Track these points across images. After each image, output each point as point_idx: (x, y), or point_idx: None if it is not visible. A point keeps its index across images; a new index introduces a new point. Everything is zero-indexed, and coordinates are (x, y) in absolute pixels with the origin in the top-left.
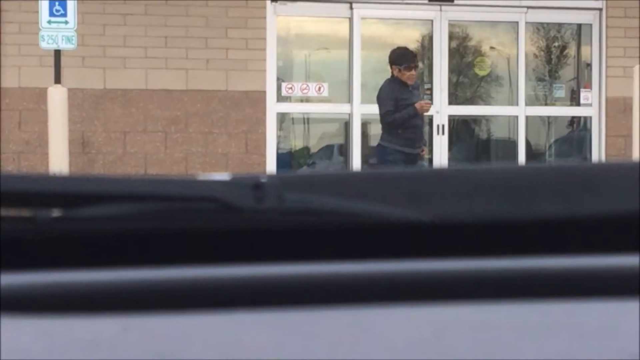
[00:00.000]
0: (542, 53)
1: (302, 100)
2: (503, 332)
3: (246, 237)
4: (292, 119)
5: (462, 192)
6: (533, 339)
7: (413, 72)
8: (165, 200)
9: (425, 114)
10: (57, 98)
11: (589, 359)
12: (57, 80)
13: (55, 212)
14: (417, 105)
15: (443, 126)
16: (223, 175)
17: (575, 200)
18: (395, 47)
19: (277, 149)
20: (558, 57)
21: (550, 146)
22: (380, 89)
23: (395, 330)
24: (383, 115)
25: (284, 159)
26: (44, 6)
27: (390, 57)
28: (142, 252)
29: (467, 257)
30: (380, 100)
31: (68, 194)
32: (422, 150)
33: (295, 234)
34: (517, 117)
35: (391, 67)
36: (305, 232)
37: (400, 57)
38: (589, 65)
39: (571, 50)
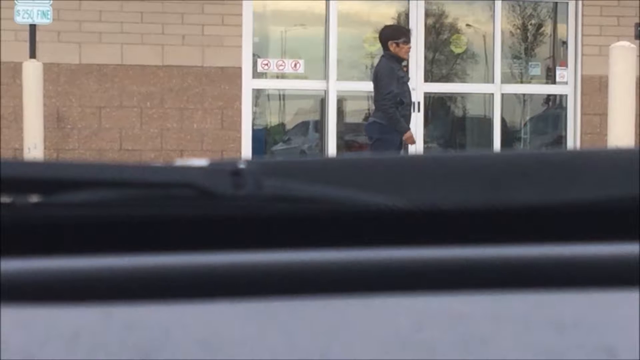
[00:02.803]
0: (518, 31)
1: (278, 77)
2: (484, 323)
3: (225, 224)
4: (268, 95)
5: (443, 179)
6: (514, 331)
7: (410, 45)
8: (143, 186)
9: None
10: (32, 73)
11: (570, 351)
12: (32, 54)
13: (33, 198)
14: (406, 135)
15: (419, 103)
16: (201, 161)
17: (555, 188)
18: (380, 25)
19: (253, 125)
20: (534, 35)
21: (525, 124)
22: (381, 69)
23: (376, 320)
24: (383, 99)
25: (259, 136)
26: None
27: (384, 33)
28: (119, 239)
29: (448, 245)
30: (381, 79)
31: (46, 179)
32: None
33: (274, 221)
34: (492, 94)
35: (386, 44)
36: (285, 219)
37: (397, 32)
38: (564, 43)
39: (547, 28)
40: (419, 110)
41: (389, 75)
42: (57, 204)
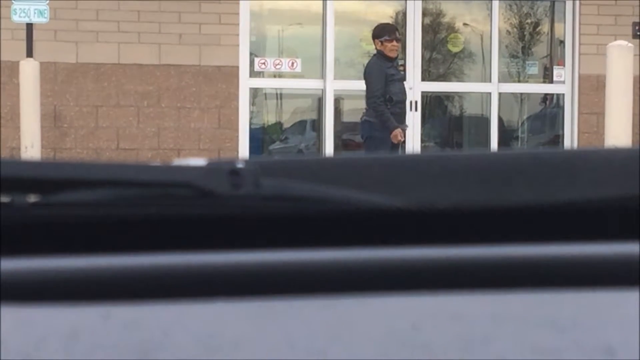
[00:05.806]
0: (516, 30)
1: (275, 76)
2: (482, 323)
3: (223, 223)
4: (265, 94)
5: (440, 178)
6: (513, 330)
7: (394, 43)
8: (142, 186)
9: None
10: (29, 72)
11: (568, 351)
12: (29, 53)
13: (32, 198)
14: (393, 133)
15: (416, 102)
16: (199, 161)
17: (552, 188)
18: (373, 23)
19: (250, 124)
20: (531, 34)
21: (522, 123)
22: (369, 67)
23: (374, 320)
24: (371, 97)
25: (256, 135)
26: None
27: (372, 33)
28: (118, 239)
29: (445, 245)
30: (369, 78)
31: (45, 179)
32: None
33: (272, 221)
34: (490, 93)
35: (374, 42)
36: (283, 219)
37: (381, 30)
38: (562, 42)
39: (544, 27)
40: (416, 110)
41: (376, 73)
42: (55, 204)
